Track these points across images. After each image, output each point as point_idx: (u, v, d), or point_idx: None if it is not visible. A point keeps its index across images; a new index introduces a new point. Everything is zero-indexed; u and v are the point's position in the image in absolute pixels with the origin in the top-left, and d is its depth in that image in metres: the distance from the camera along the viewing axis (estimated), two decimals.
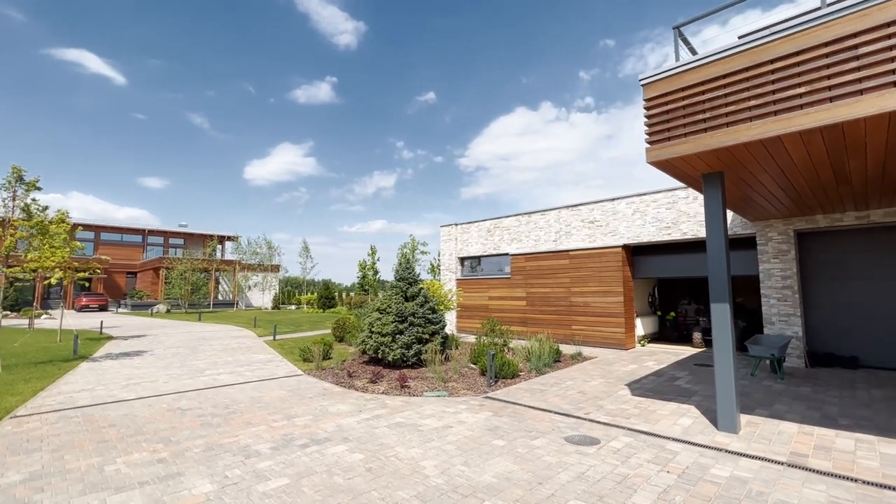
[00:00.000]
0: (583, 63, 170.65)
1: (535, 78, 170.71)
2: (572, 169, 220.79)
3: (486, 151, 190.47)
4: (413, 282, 11.23)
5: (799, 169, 5.84)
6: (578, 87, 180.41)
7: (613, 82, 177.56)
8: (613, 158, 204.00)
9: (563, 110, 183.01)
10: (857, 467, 4.49)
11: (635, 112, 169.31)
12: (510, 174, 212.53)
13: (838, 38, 4.23)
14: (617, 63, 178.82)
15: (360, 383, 8.80)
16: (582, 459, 4.80)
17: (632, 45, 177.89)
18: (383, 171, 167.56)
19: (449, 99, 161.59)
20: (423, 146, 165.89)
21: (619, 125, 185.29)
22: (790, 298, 9.80)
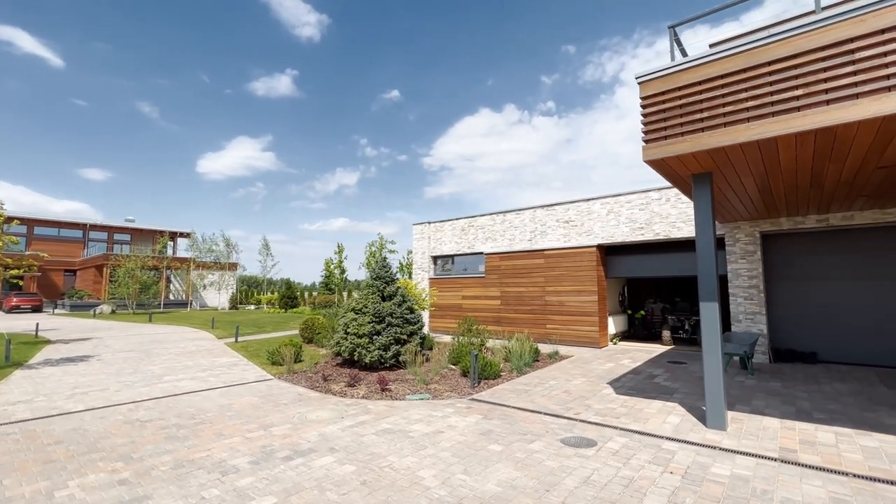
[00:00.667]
0: (545, 68, 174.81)
1: (499, 80, 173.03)
2: (534, 171, 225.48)
3: (450, 151, 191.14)
4: (390, 280, 10.86)
5: (782, 172, 6.02)
6: (541, 91, 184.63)
7: (574, 88, 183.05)
8: (573, 162, 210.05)
9: (525, 113, 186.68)
10: (843, 461, 4.63)
11: (594, 118, 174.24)
12: (474, 174, 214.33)
13: (835, 42, 4.33)
14: (577, 69, 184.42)
15: (338, 387, 8.36)
16: (584, 463, 4.68)
17: (591, 53, 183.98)
18: (346, 168, 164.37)
19: (414, 97, 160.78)
20: (388, 144, 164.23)
21: (579, 130, 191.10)
22: (756, 297, 10.25)
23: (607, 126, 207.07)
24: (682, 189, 6.99)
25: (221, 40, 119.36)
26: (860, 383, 7.96)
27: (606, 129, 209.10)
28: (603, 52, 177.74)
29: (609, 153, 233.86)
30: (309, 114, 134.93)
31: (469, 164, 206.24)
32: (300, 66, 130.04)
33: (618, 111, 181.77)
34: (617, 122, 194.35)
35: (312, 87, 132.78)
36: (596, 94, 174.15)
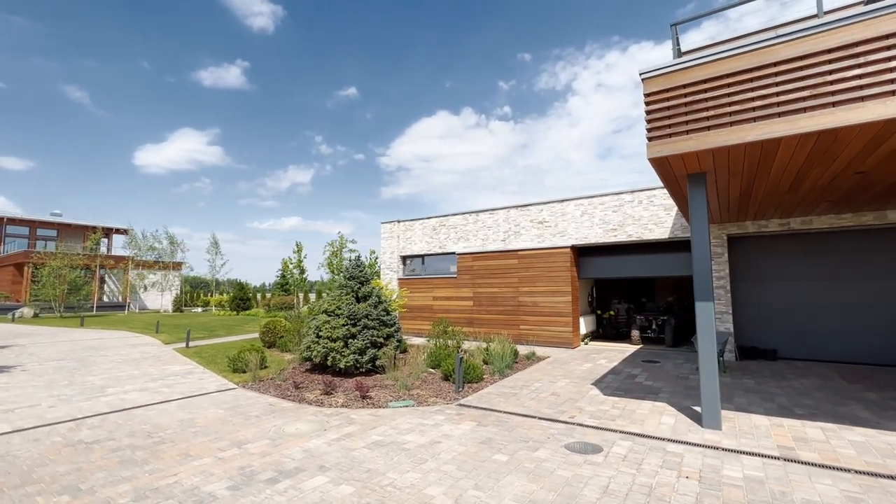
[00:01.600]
0: (502, 73, 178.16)
1: (457, 83, 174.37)
2: (490, 174, 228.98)
3: (407, 152, 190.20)
4: (365, 281, 10.30)
5: (770, 174, 6.17)
6: (498, 96, 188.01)
7: (529, 94, 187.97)
8: (527, 166, 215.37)
9: (483, 117, 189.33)
10: (840, 457, 4.72)
11: (548, 124, 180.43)
12: (431, 176, 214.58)
13: (843, 45, 4.39)
14: (532, 76, 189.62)
15: (312, 396, 7.73)
16: (597, 471, 4.46)
17: (546, 62, 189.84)
18: (299, 165, 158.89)
19: (372, 96, 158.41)
20: (344, 142, 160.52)
21: (534, 135, 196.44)
22: (723, 297, 10.66)
23: (560, 133, 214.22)
24: (671, 189, 7.04)
25: (164, 24, 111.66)
26: (820, 378, 8.41)
27: (559, 135, 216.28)
28: (557, 62, 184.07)
29: (561, 159, 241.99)
30: (260, 108, 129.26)
31: (426, 166, 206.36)
32: (252, 57, 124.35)
33: (570, 119, 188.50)
34: (569, 130, 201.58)
35: (264, 80, 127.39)
36: (550, 101, 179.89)
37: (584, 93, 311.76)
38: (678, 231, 11.30)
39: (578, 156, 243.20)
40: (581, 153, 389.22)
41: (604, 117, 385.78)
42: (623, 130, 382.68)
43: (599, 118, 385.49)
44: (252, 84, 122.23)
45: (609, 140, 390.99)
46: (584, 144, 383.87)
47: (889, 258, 9.33)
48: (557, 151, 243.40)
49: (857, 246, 9.59)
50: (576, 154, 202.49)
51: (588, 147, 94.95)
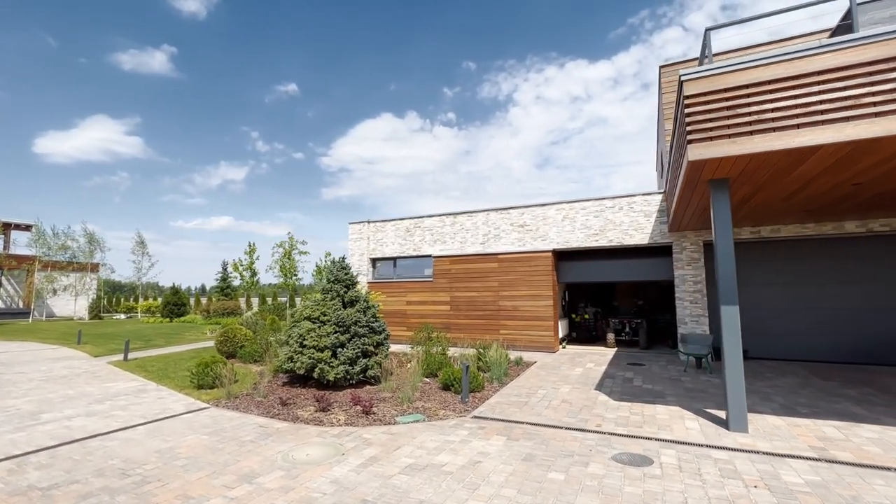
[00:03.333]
0: (447, 80, 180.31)
1: (402, 86, 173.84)
2: (434, 178, 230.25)
3: (350, 153, 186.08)
4: (351, 284, 9.50)
5: (784, 182, 6.40)
6: (442, 102, 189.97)
7: (472, 102, 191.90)
8: (470, 172, 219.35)
9: (427, 122, 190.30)
10: (870, 454, 4.88)
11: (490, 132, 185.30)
12: (374, 178, 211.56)
13: (881, 59, 4.57)
14: (476, 84, 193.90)
15: (306, 413, 6.88)
16: (664, 485, 4.23)
17: (489, 71, 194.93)
18: (232, 162, 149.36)
19: (314, 93, 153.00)
20: (282, 140, 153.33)
21: (477, 142, 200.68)
22: (700, 301, 11.15)
23: (502, 142, 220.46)
24: (689, 193, 7.11)
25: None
26: (797, 377, 8.97)
27: (501, 144, 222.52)
28: (499, 73, 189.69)
29: (503, 167, 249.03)
30: (189, 98, 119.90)
31: (369, 168, 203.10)
32: (180, 43, 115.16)
33: (511, 129, 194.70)
34: (510, 139, 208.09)
35: (195, 69, 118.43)
36: (492, 110, 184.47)
37: (524, 104, 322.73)
38: (657, 237, 11.68)
39: (518, 164, 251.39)
40: (521, 162, 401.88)
41: (542, 129, 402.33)
42: (560, 142, 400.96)
43: (538, 129, 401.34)
44: (180, 72, 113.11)
45: (547, 151, 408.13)
46: (523, 154, 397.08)
47: (845, 265, 10.24)
48: (499, 159, 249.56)
49: (818, 253, 10.43)
50: (516, 163, 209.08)
51: (527, 156, 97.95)
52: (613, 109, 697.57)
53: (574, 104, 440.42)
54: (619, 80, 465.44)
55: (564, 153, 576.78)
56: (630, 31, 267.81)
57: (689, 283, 11.26)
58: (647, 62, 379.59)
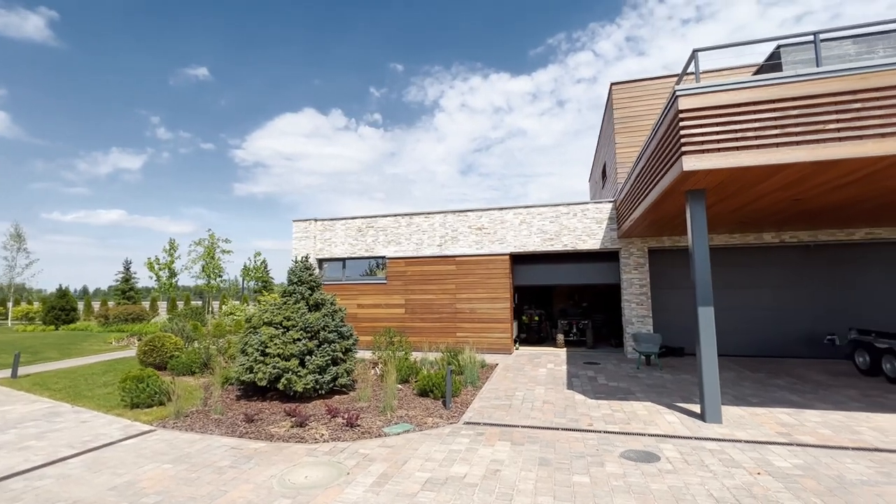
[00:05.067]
0: (374, 80, 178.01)
1: (327, 82, 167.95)
2: (358, 179, 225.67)
3: (267, 147, 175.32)
4: (316, 285, 8.77)
5: (744, 195, 7.12)
6: (369, 102, 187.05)
7: (399, 104, 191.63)
8: (395, 175, 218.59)
9: (352, 121, 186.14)
10: (826, 437, 5.56)
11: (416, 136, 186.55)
12: (294, 175, 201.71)
13: (844, 90, 5.26)
14: (403, 87, 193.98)
15: (281, 430, 6.16)
16: (683, 479, 4.41)
17: (416, 75, 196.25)
18: (127, 148, 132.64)
19: (228, 81, 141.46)
20: (189, 128, 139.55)
21: (402, 145, 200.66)
22: (645, 303, 12.05)
23: (427, 146, 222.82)
24: (668, 202, 7.57)
25: None
26: (731, 370, 10.04)
27: (427, 148, 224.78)
28: (426, 77, 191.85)
29: (428, 171, 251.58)
30: (72, 72, 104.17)
31: (289, 164, 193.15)
32: (60, 5, 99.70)
33: (437, 134, 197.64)
34: (436, 144, 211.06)
35: (80, 39, 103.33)
36: (419, 114, 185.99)
37: (449, 110, 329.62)
38: (608, 243, 12.43)
39: (443, 169, 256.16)
40: (445, 167, 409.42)
41: (466, 136, 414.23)
42: (483, 150, 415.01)
43: (463, 136, 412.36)
44: (61, 41, 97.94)
45: (470, 157, 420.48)
46: (448, 159, 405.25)
47: (763, 270, 11.73)
48: (424, 163, 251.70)
49: (740, 260, 11.83)
50: (440, 167, 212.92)
51: (452, 162, 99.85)
52: (532, 122, 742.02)
53: (497, 114, 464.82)
54: (537, 95, 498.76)
55: (487, 161, 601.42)
56: (548, 50, 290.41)
57: (636, 286, 12.13)
58: (562, 81, 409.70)
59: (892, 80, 5.15)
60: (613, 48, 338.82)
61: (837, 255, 11.52)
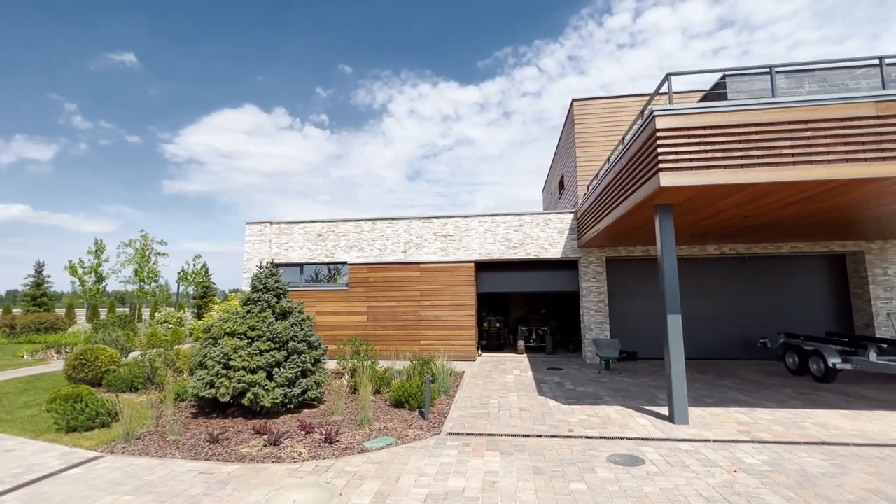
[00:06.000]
0: (321, 80, 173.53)
1: (271, 79, 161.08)
2: (301, 180, 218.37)
3: (202, 143, 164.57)
4: (283, 293, 8.27)
5: (703, 211, 7.68)
6: (315, 103, 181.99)
7: (347, 107, 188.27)
8: (342, 178, 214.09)
9: (297, 120, 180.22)
10: (780, 433, 6.10)
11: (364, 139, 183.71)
12: (231, 174, 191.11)
13: (798, 120, 5.86)
14: (351, 89, 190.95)
15: (253, 450, 5.71)
16: (672, 481, 4.61)
17: (365, 78, 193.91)
18: (35, 136, 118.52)
19: (159, 70, 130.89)
20: (112, 118, 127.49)
21: (349, 148, 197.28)
22: (603, 310, 12.62)
23: (375, 150, 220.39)
24: (636, 215, 7.97)
25: None
26: None
27: (374, 152, 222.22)
28: (375, 81, 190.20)
29: (375, 175, 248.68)
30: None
31: (227, 162, 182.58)
32: None
33: (385, 138, 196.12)
34: (384, 148, 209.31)
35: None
36: (367, 117, 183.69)
37: (398, 116, 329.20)
38: (568, 252, 12.90)
39: (390, 174, 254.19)
40: (393, 172, 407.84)
41: (415, 142, 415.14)
42: (430, 157, 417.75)
43: (411, 142, 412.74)
44: None
45: (418, 164, 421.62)
46: (396, 164, 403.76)
47: (705, 280, 12.73)
48: (371, 167, 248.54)
49: (686, 270, 12.74)
50: (388, 172, 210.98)
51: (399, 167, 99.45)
52: (479, 132, 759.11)
53: (445, 122, 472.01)
54: (485, 105, 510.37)
55: (434, 168, 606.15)
56: (496, 63, 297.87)
57: (595, 293, 12.68)
58: (508, 93, 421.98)
59: (836, 114, 5.81)
60: (556, 65, 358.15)
61: (767, 266, 12.79)
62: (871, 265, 11.90)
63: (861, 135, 5.80)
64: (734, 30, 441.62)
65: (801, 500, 4.16)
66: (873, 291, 11.82)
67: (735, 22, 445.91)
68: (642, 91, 14.00)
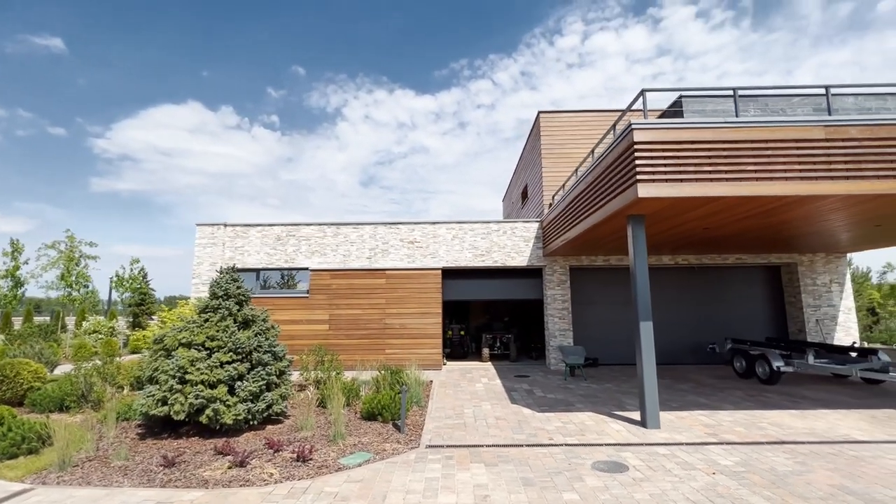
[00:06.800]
0: (273, 80, 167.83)
1: (218, 76, 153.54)
2: (250, 182, 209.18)
3: (139, 139, 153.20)
4: (245, 299, 7.70)
5: (669, 223, 8.05)
6: (266, 103, 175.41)
7: (299, 108, 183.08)
8: (292, 181, 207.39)
9: (245, 120, 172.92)
10: (743, 434, 6.42)
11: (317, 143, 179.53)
12: (172, 174, 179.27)
13: (760, 139, 6.29)
14: (305, 91, 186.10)
15: (216, 473, 5.19)
16: (657, 486, 4.68)
17: (319, 81, 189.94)
18: None
19: (90, 57, 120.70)
20: (33, 107, 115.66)
21: (301, 151, 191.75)
22: (566, 317, 12.90)
23: (328, 154, 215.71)
24: (609, 225, 8.19)
25: None
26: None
27: (327, 156, 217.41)
28: (330, 84, 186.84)
29: (327, 179, 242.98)
30: None
31: (166, 160, 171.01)
32: None
33: (338, 142, 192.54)
34: (337, 152, 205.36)
35: None
36: (320, 120, 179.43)
37: (353, 120, 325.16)
38: (534, 260, 13.11)
39: (343, 179, 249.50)
40: (346, 177, 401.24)
41: (369, 148, 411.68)
42: (385, 163, 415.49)
43: (366, 147, 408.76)
44: None
45: (372, 170, 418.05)
46: (349, 169, 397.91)
47: (660, 289, 13.35)
48: (324, 171, 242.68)
49: None
50: (341, 177, 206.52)
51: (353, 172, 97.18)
52: (434, 141, 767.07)
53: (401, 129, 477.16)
54: (440, 115, 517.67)
55: (389, 174, 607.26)
56: (451, 74, 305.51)
57: (559, 301, 12.95)
58: (464, 104, 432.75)
59: (791, 135, 6.30)
60: (510, 80, 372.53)
61: (714, 276, 13.68)
62: (803, 276, 13.07)
63: (812, 155, 6.32)
64: (671, 57, 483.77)
65: (779, 499, 4.36)
66: (804, 300, 12.96)
67: (672, 50, 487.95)
68: (606, 107, 14.59)
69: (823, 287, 13.05)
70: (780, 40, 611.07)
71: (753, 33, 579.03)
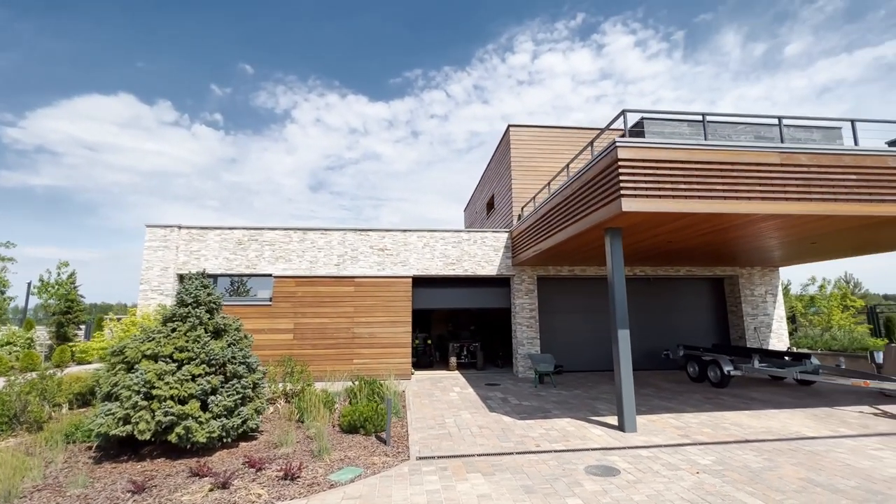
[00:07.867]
0: (217, 76, 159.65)
1: (155, 67, 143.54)
2: (188, 183, 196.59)
3: (59, 130, 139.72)
4: (216, 307, 7.19)
5: (642, 234, 8.53)
6: (208, 99, 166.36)
7: (245, 108, 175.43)
8: (236, 183, 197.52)
9: (185, 117, 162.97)
10: (711, 435, 6.88)
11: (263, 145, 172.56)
12: (97, 170, 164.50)
13: (727, 161, 6.87)
14: (252, 90, 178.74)
15: (196, 497, 4.77)
16: (652, 487, 4.89)
17: (268, 80, 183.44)
18: None
19: (3, 38, 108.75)
20: None
21: (246, 152, 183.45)
22: (534, 326, 13.21)
23: (275, 156, 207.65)
24: (586, 236, 8.51)
25: None
26: (606, 384, 11.65)
27: (274, 158, 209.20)
28: (279, 85, 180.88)
29: (273, 182, 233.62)
30: None
31: (91, 155, 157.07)
32: None
33: (287, 145, 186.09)
34: (285, 155, 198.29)
35: None
36: (268, 122, 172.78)
37: (302, 123, 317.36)
38: (503, 269, 13.35)
39: (291, 183, 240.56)
40: (294, 181, 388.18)
41: (319, 152, 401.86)
42: (336, 169, 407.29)
43: (315, 151, 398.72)
44: None
45: (322, 174, 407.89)
46: (297, 173, 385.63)
47: None
48: (270, 174, 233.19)
49: (601, 289, 13.98)
50: (288, 181, 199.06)
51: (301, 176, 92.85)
52: (387, 148, 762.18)
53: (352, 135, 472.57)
54: (393, 122, 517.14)
55: (339, 180, 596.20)
56: (405, 83, 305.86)
57: (527, 310, 13.24)
58: (417, 113, 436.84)
59: (752, 159, 6.93)
60: (463, 93, 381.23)
61: (666, 287, 14.63)
62: (743, 287, 14.31)
63: (770, 177, 6.99)
64: (612, 81, 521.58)
65: (761, 493, 4.70)
66: (744, 309, 14.18)
67: (613, 75, 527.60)
68: (574, 124, 15.27)
69: (760, 298, 14.36)
70: (705, 72, 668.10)
71: (684, 64, 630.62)
